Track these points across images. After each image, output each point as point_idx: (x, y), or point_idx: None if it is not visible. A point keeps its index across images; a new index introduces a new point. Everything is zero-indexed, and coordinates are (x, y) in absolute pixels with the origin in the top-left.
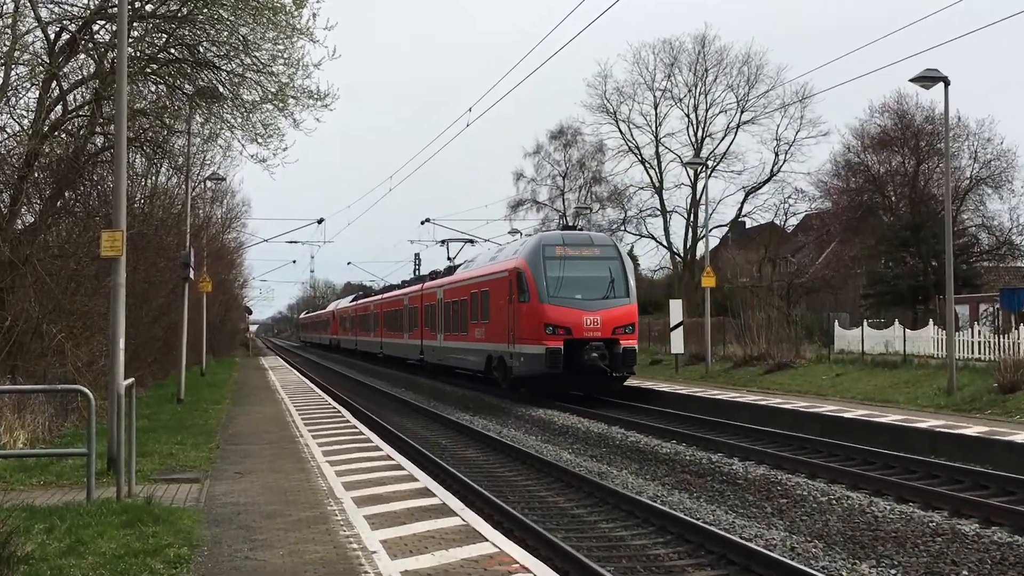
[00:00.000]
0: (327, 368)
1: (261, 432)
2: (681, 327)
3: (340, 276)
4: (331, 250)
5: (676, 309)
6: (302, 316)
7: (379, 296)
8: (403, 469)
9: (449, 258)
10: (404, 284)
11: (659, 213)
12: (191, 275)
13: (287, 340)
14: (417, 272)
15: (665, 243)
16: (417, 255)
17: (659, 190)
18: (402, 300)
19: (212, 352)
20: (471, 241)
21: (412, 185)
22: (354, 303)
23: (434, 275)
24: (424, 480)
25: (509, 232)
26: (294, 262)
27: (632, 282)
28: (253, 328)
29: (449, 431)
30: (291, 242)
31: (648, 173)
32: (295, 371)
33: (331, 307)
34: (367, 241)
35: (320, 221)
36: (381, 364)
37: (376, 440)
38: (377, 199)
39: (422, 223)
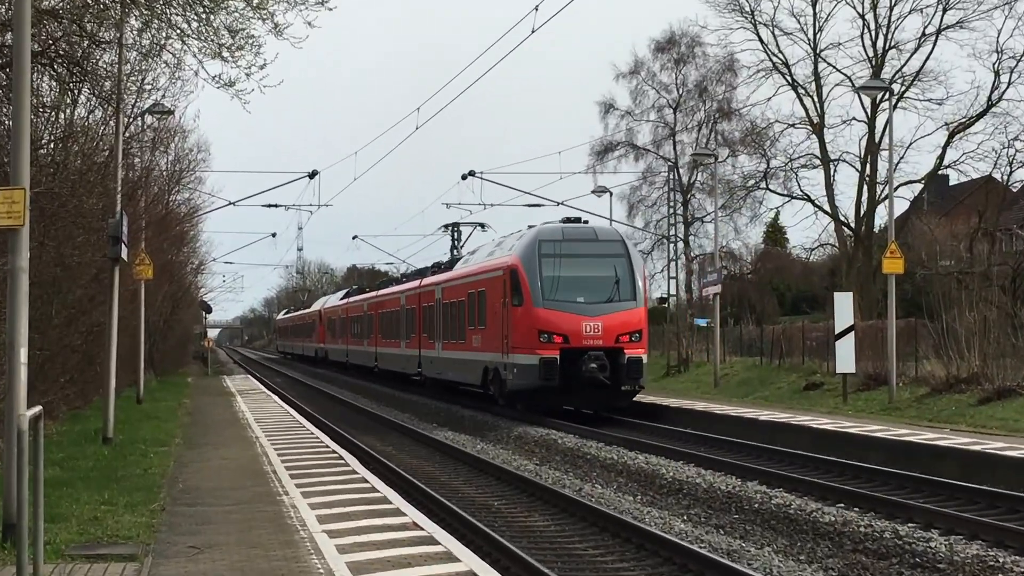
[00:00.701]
0: (321, 392)
1: (227, 488)
2: (851, 335)
3: (342, 257)
4: (329, 218)
5: (843, 307)
6: (280, 317)
7: (374, 294)
8: (438, 543)
9: (455, 246)
10: (404, 278)
11: (818, 163)
12: (123, 254)
13: (263, 352)
14: (457, 251)
15: (827, 208)
16: (454, 227)
17: (819, 129)
18: (399, 299)
19: (154, 369)
20: (481, 226)
21: (447, 124)
22: (345, 301)
23: (436, 268)
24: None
25: (592, 192)
26: (274, 236)
27: (641, 283)
28: (214, 333)
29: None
30: (270, 206)
31: (802, 103)
32: (275, 397)
33: (317, 306)
34: (382, 206)
35: (313, 175)
36: (388, 382)
37: (387, 492)
38: (396, 143)
39: (463, 178)
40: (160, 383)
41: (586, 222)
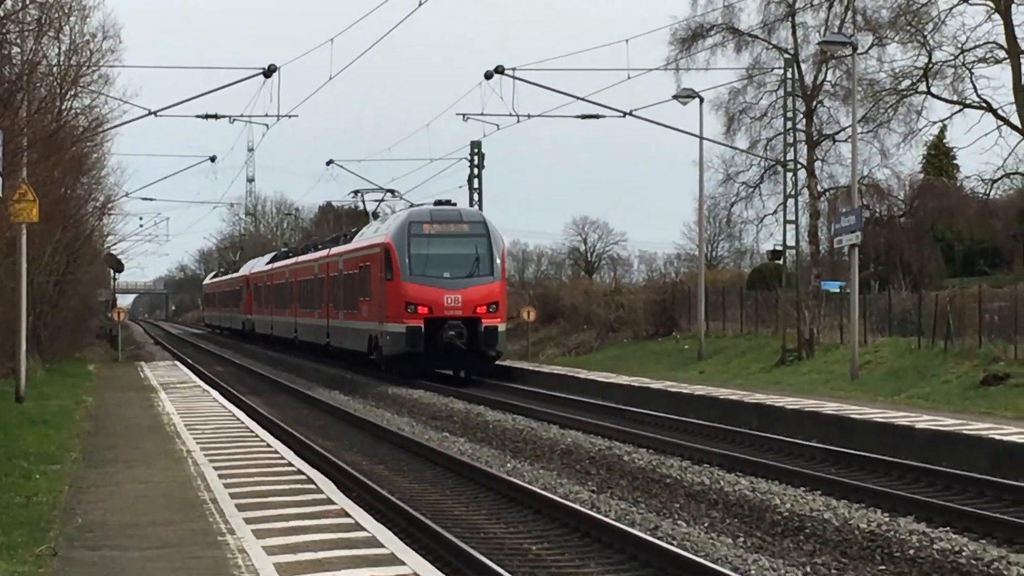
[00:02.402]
0: (278, 384)
1: (145, 523)
2: None
3: (312, 191)
4: (294, 136)
5: None
6: (206, 283)
7: (296, 260)
8: None
9: (366, 211)
10: (323, 245)
11: (1003, 56)
12: None
13: (196, 328)
14: (474, 181)
15: (1016, 121)
16: (477, 147)
17: (1005, 7)
18: (313, 267)
19: (40, 352)
20: (392, 192)
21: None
22: (270, 267)
23: (345, 237)
24: None
25: (675, 97)
26: (213, 160)
27: (499, 260)
28: (126, 301)
29: None
30: (207, 117)
31: None
32: (213, 391)
33: (244, 270)
34: (369, 117)
35: (269, 73)
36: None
37: (374, 529)
38: (389, 27)
39: (488, 76)
40: (50, 372)
41: (455, 204)
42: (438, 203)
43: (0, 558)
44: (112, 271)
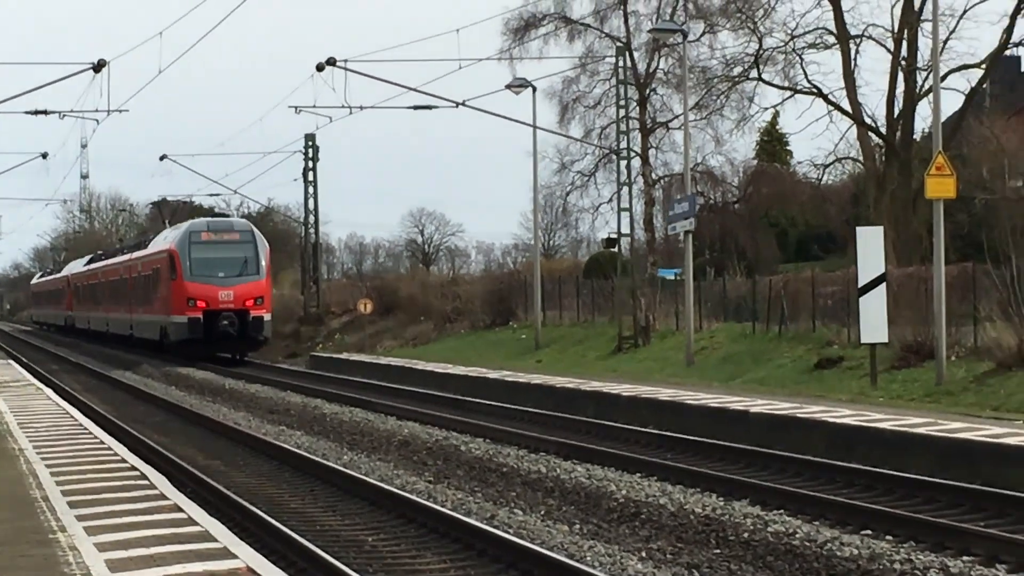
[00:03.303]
0: (117, 383)
1: None
2: (882, 288)
3: (145, 186)
4: (126, 132)
5: (870, 248)
6: (33, 282)
7: (105, 263)
8: None
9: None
10: (128, 249)
11: (833, 41)
12: None
13: (29, 325)
14: (308, 174)
15: (846, 106)
16: (311, 140)
17: None
18: (119, 268)
19: None
20: (207, 208)
21: None
22: (87, 268)
23: (143, 243)
24: None
25: (508, 87)
26: (45, 156)
27: (264, 262)
28: None
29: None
30: (36, 113)
31: None
32: (47, 390)
33: (65, 271)
34: (203, 112)
35: (99, 68)
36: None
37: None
38: (218, 19)
39: (319, 68)
40: None
41: (229, 216)
42: (214, 215)
43: None
44: None
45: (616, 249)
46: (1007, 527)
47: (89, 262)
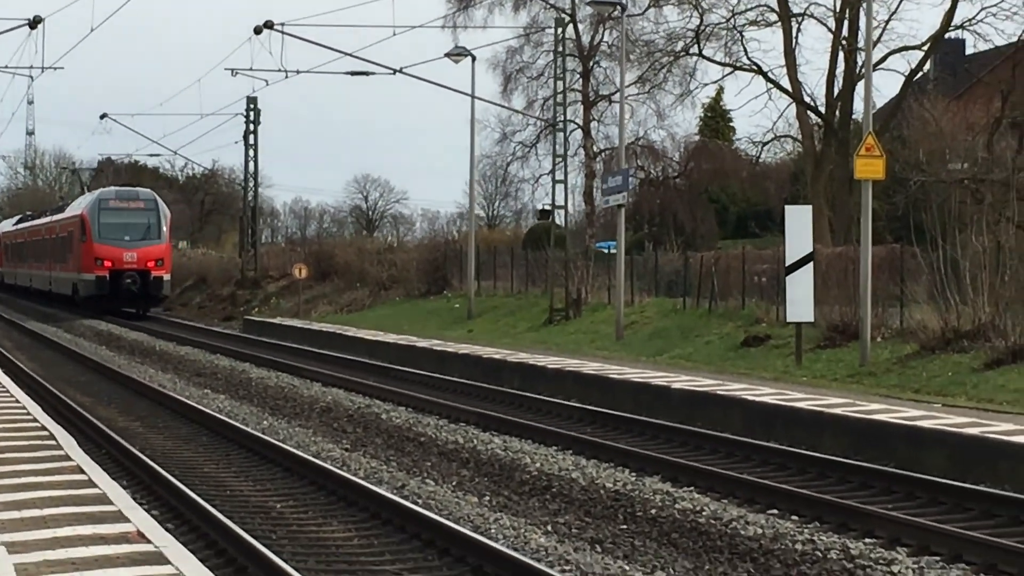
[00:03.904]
0: (49, 342)
1: None
2: (809, 267)
3: (87, 144)
4: (67, 89)
5: (798, 226)
6: None
7: (31, 223)
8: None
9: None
10: (43, 212)
11: (774, 19)
12: None
13: None
14: (249, 137)
15: (786, 84)
16: (252, 103)
17: None
18: (40, 230)
19: None
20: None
21: None
22: (15, 228)
23: (61, 207)
24: None
25: (447, 55)
26: None
27: (165, 228)
28: None
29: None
30: None
31: None
32: None
33: None
34: (141, 73)
35: (35, 24)
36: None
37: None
38: None
39: (257, 32)
40: None
41: (136, 186)
42: (122, 185)
43: None
44: None
45: (551, 221)
46: (913, 510)
47: (17, 223)
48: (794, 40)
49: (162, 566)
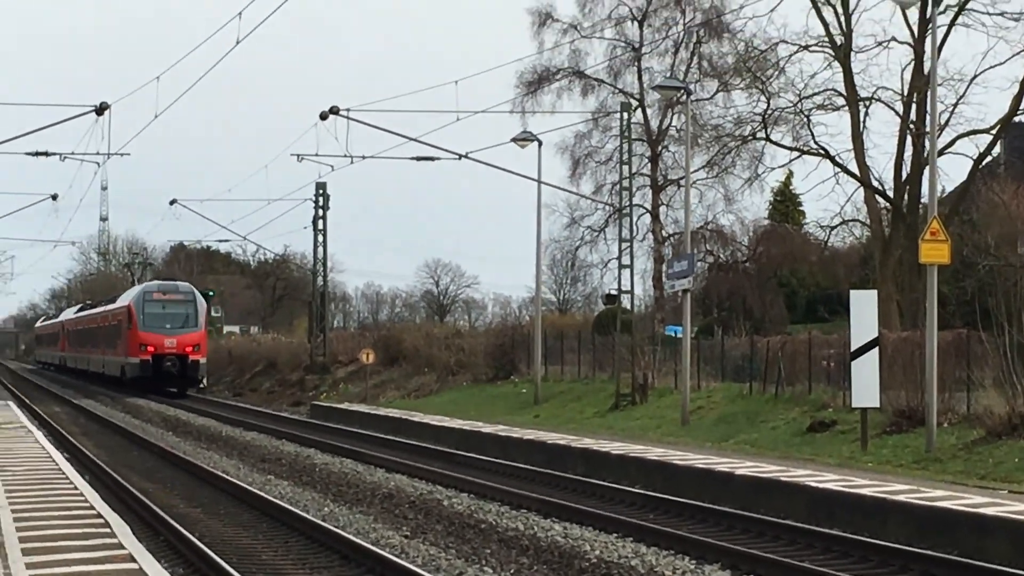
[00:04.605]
0: (115, 427)
1: None
2: (874, 352)
3: (156, 229)
4: (134, 173)
5: (863, 312)
6: (37, 326)
7: (89, 312)
8: None
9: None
10: (97, 303)
11: (842, 103)
12: None
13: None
14: (319, 222)
15: (854, 168)
16: (321, 188)
17: (843, 54)
18: (96, 318)
19: None
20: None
21: (293, 38)
22: (76, 316)
23: (112, 299)
24: None
25: (513, 140)
26: (55, 198)
27: (202, 318)
28: None
29: None
30: (37, 154)
31: (819, 15)
32: (37, 433)
33: (62, 317)
34: (210, 157)
35: (101, 110)
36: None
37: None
38: (212, 64)
39: (323, 117)
40: None
41: (177, 280)
42: (164, 279)
43: None
44: None
45: (616, 305)
46: None
47: (78, 311)
48: (862, 124)
49: None
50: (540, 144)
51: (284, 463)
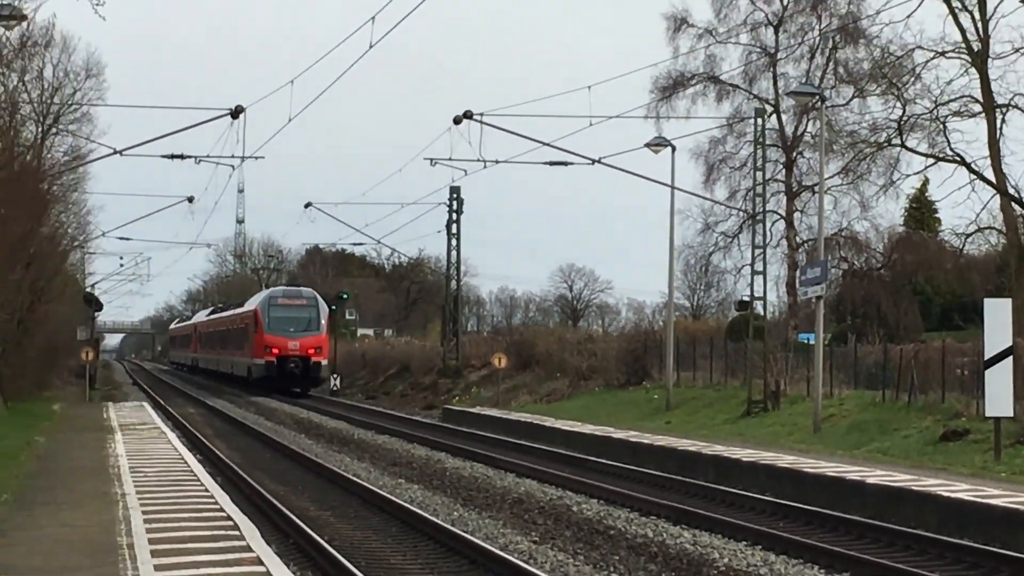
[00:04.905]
0: (249, 430)
1: (54, 570)
2: (1009, 361)
3: (291, 232)
4: (269, 176)
5: (997, 320)
6: (171, 328)
7: (218, 315)
8: None
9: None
10: (227, 306)
11: (978, 110)
12: None
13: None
14: (452, 226)
15: (991, 176)
16: (455, 192)
17: (980, 60)
18: (225, 321)
19: (1, 391)
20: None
21: (426, 42)
22: (208, 318)
23: (240, 303)
24: None
25: (647, 145)
26: (191, 200)
27: (324, 321)
28: (114, 341)
29: None
30: (172, 157)
31: (956, 21)
32: (170, 434)
33: (194, 320)
34: (344, 160)
35: (237, 114)
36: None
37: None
38: (344, 68)
39: (456, 122)
40: (12, 411)
41: (301, 285)
42: (289, 284)
43: None
44: (92, 311)
45: (747, 312)
46: None
47: (209, 314)
48: (998, 131)
49: None
50: (674, 149)
51: (415, 467)
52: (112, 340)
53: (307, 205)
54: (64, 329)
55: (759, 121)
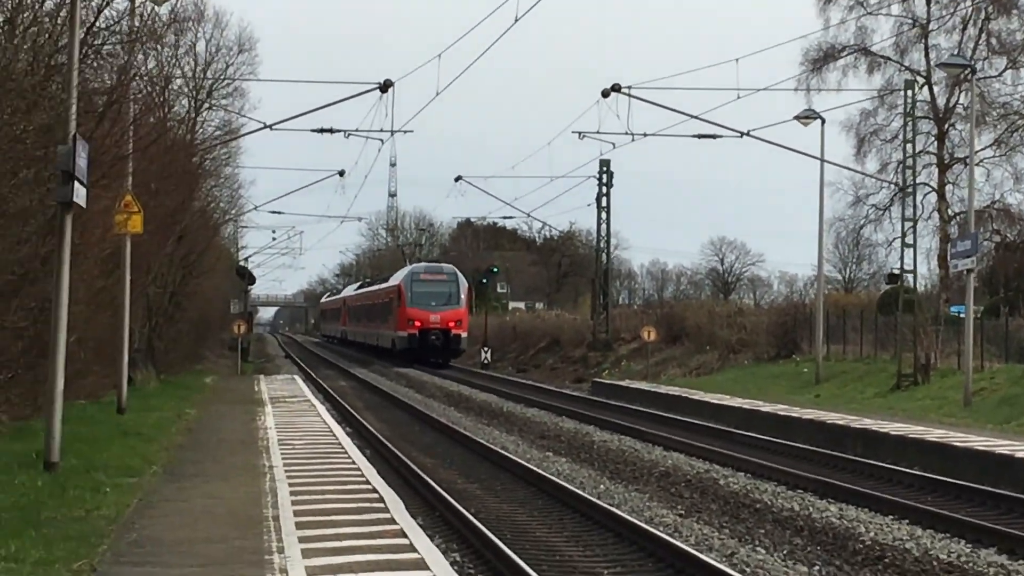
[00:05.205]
0: (398, 402)
1: (200, 540)
2: None
3: (441, 205)
4: (415, 149)
5: None
6: (322, 302)
7: (365, 290)
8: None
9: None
10: (373, 281)
11: None
12: (79, 197)
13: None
14: (602, 199)
15: None
16: (605, 166)
17: None
18: (371, 295)
19: (155, 364)
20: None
21: (571, 16)
22: (355, 292)
23: (385, 278)
24: None
25: (796, 117)
26: (342, 174)
27: (463, 296)
28: (268, 314)
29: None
30: (322, 131)
31: None
32: (321, 407)
33: (344, 294)
34: (493, 134)
35: (386, 88)
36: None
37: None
38: (494, 38)
39: (604, 95)
40: (164, 384)
41: (441, 262)
42: (430, 261)
43: (34, 573)
44: (246, 284)
45: (899, 285)
46: None
47: (357, 288)
48: None
49: None
50: (823, 122)
51: (563, 440)
52: (266, 313)
53: (457, 179)
54: (217, 302)
55: (910, 93)
